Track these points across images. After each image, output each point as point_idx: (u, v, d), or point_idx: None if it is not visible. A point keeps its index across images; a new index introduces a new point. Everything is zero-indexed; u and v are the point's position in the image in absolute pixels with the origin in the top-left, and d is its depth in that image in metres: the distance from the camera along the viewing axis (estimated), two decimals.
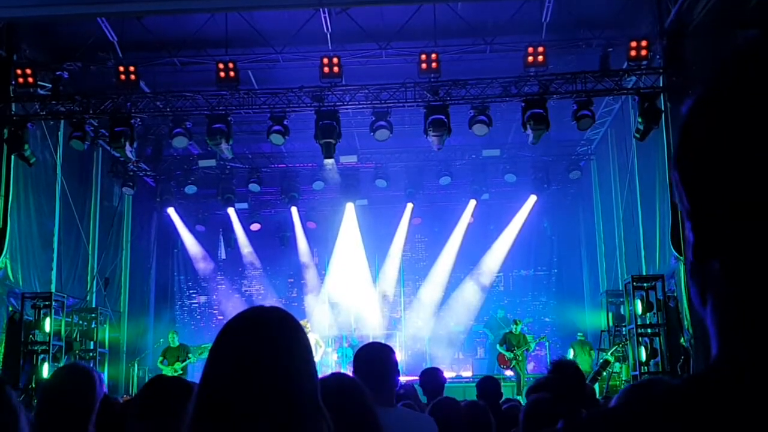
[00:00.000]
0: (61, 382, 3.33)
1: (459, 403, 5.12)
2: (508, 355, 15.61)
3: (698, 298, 0.82)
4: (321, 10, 12.86)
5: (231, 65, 13.41)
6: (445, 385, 7.00)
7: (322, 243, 21.04)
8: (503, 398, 7.25)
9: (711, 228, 0.77)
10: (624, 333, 14.53)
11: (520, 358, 15.55)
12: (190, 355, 15.41)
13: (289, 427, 1.70)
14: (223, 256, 21.53)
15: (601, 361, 14.02)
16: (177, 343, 15.62)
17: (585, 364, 14.84)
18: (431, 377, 6.77)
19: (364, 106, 14.09)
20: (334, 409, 1.81)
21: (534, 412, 3.59)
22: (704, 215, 0.77)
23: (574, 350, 16.00)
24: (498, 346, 16.07)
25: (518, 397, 12.51)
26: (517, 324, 16.13)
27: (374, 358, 3.59)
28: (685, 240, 0.87)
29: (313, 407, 1.75)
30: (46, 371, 13.17)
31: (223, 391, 1.72)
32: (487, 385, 6.90)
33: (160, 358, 15.47)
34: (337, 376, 2.65)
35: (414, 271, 21.45)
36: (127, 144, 13.86)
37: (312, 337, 15.36)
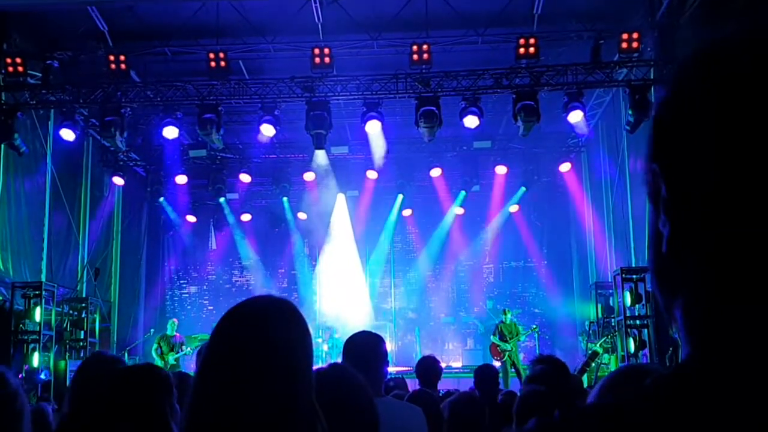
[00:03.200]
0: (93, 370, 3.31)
1: (435, 396, 5.13)
2: (504, 346, 15.45)
3: (665, 295, 0.80)
4: (312, 0, 12.84)
5: (222, 55, 13.36)
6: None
7: (313, 234, 21.03)
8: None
9: (691, 221, 0.74)
10: (613, 324, 14.60)
11: (513, 349, 15.42)
12: (184, 347, 15.33)
13: (285, 429, 1.67)
14: (214, 247, 21.50)
15: (589, 352, 14.09)
16: (174, 333, 15.54)
17: None
18: (428, 366, 6.70)
19: (355, 97, 14.09)
20: (332, 402, 1.78)
21: (528, 404, 3.61)
22: (684, 208, 0.75)
23: None
24: (492, 337, 15.96)
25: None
26: (506, 313, 16.00)
27: (364, 347, 3.57)
28: (655, 234, 0.82)
29: (308, 408, 1.71)
30: (36, 361, 13.18)
31: (217, 390, 1.68)
32: (485, 373, 6.88)
33: (155, 346, 15.40)
34: (335, 368, 2.64)
35: (404, 262, 21.48)
36: (118, 134, 13.82)
37: None
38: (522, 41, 13.06)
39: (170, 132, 14.40)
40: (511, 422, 3.98)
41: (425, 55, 13.14)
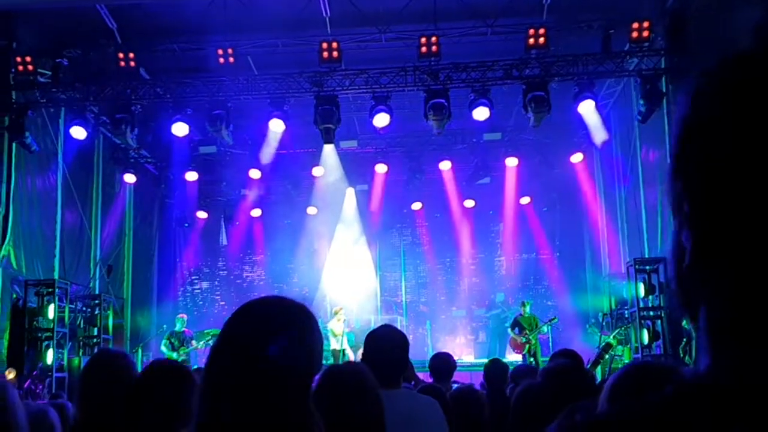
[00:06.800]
0: (98, 369, 3.33)
1: (443, 390, 5.15)
2: (522, 339, 15.32)
3: (688, 307, 0.79)
4: None
5: (230, 51, 13.39)
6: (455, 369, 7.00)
7: (323, 228, 21.06)
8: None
9: (714, 235, 0.73)
10: (626, 316, 14.54)
11: (533, 342, 15.15)
12: (193, 341, 15.42)
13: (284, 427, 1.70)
14: (225, 242, 21.56)
15: (603, 344, 14.03)
16: (183, 328, 15.60)
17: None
18: (441, 362, 6.77)
19: (364, 90, 14.06)
20: (343, 401, 1.80)
21: (524, 400, 3.58)
22: (707, 224, 0.74)
23: None
24: (509, 331, 15.86)
25: None
26: (525, 305, 15.81)
27: (393, 344, 3.64)
28: (678, 247, 0.79)
29: (304, 411, 1.73)
30: (50, 358, 13.24)
31: (221, 390, 1.71)
32: (494, 368, 6.89)
33: (165, 342, 15.47)
34: (351, 370, 2.66)
35: (415, 256, 21.48)
36: (128, 131, 13.87)
37: (339, 326, 15.34)
38: (532, 32, 12.98)
39: (180, 129, 14.38)
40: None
41: (434, 48, 13.10)
